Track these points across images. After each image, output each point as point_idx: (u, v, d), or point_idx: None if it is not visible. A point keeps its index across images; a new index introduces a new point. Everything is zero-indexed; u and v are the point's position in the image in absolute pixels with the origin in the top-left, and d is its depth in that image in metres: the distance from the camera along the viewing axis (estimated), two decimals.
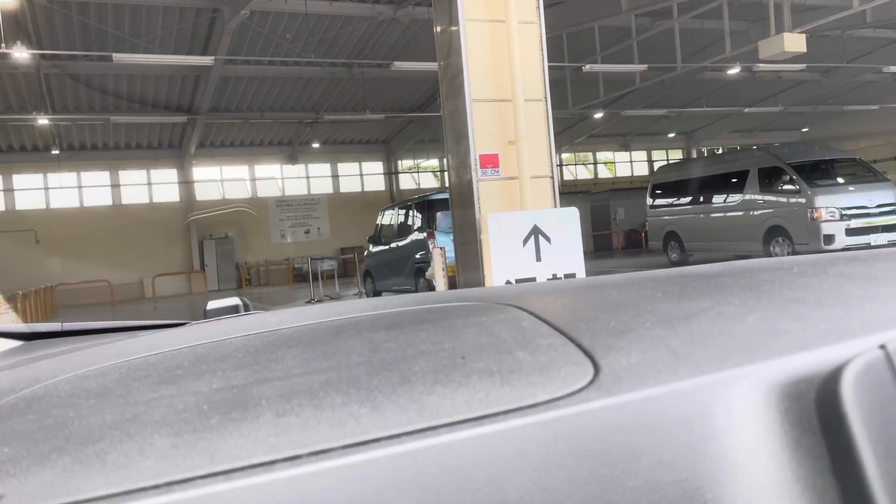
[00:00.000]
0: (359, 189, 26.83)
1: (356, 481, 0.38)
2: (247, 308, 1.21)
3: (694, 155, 30.77)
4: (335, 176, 26.42)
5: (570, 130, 28.97)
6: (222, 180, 24.61)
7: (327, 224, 26.07)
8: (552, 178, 5.51)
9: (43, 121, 16.29)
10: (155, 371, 0.62)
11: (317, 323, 0.75)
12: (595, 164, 30.97)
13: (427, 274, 8.82)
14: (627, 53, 16.53)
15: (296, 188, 25.82)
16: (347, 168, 26.64)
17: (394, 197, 26.94)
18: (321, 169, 26.17)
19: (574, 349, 0.53)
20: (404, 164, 27.11)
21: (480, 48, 5.25)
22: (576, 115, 25.89)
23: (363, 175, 26.91)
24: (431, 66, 15.75)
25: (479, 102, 5.25)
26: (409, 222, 10.95)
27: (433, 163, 27.70)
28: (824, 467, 0.41)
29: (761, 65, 16.15)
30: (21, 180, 21.73)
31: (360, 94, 20.36)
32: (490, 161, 5.29)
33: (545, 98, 5.51)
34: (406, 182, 27.50)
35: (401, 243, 11.16)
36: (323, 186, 26.22)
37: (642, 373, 0.46)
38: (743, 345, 0.50)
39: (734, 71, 18.59)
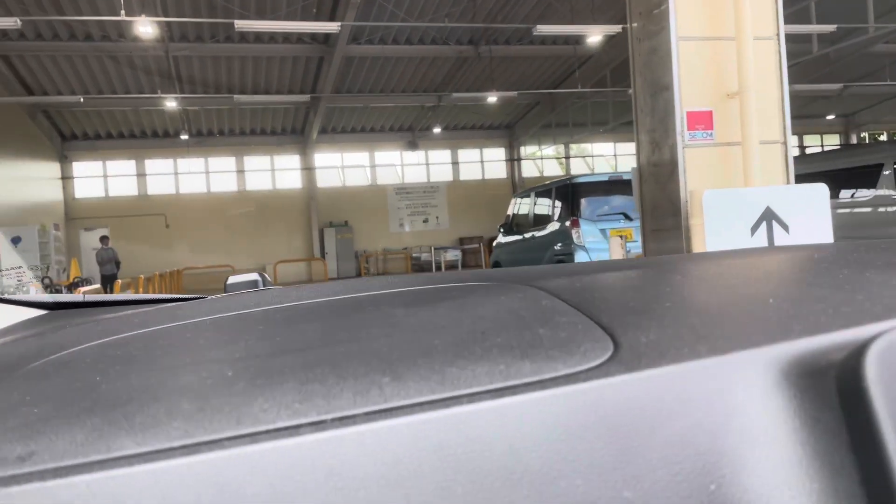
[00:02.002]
0: (479, 176, 25.75)
1: (379, 447, 0.39)
2: (265, 283, 1.14)
3: (854, 141, 27.36)
4: (455, 163, 25.47)
5: None
6: (343, 167, 24.27)
7: (446, 213, 25.20)
8: (785, 144, 4.05)
9: (171, 103, 16.27)
10: (177, 340, 0.61)
11: (335, 299, 0.74)
12: None
13: None
14: (798, 18, 14.33)
15: (415, 175, 25.11)
16: (468, 154, 25.62)
17: (516, 185, 25.67)
18: (441, 155, 25.30)
19: (593, 326, 0.53)
20: (527, 150, 25.71)
21: None
22: None
23: (484, 162, 25.79)
24: (577, 31, 14.35)
25: (689, 41, 3.88)
26: (549, 209, 9.62)
27: (559, 148, 26.13)
28: (843, 443, 0.42)
29: None
30: (153, 165, 22.26)
31: (486, 73, 19.21)
32: (701, 120, 3.91)
33: (778, 35, 4.05)
34: (529, 169, 26.12)
35: (537, 233, 9.87)
36: (442, 174, 25.36)
37: (662, 349, 0.47)
38: (763, 325, 0.50)
39: None
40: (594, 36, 14.96)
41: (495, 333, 0.53)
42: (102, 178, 21.84)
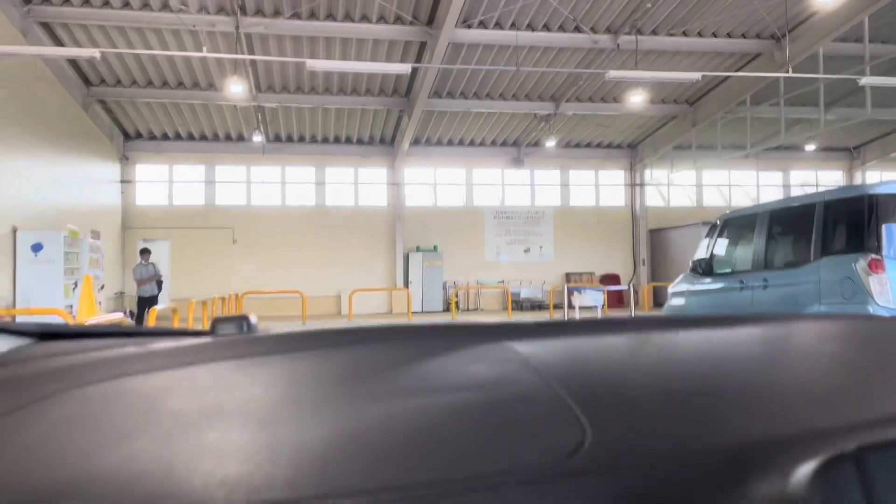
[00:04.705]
0: (593, 203, 21.91)
1: None
2: (250, 328, 0.99)
3: None
4: (565, 185, 21.74)
5: (884, 140, 21.77)
6: (435, 184, 20.96)
7: (551, 242, 21.44)
8: None
9: (237, 87, 13.31)
10: (184, 392, 0.58)
11: (316, 355, 0.69)
12: None
13: None
14: None
15: (517, 198, 21.52)
16: (581, 176, 21.85)
17: (636, 214, 21.65)
18: (549, 176, 21.63)
19: (568, 408, 0.52)
20: (654, 174, 21.68)
21: None
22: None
23: (599, 185, 21.94)
24: None
25: None
26: (807, 241, 5.74)
27: (689, 174, 21.95)
28: None
29: None
30: (223, 172, 19.57)
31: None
32: None
33: None
34: (653, 197, 22.08)
35: (777, 279, 6.01)
36: (549, 197, 21.67)
37: (637, 442, 0.46)
38: (743, 421, 0.50)
39: None
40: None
41: (470, 408, 0.51)
42: (167, 183, 19.31)
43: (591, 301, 9.44)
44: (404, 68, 10.24)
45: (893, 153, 21.38)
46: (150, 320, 7.52)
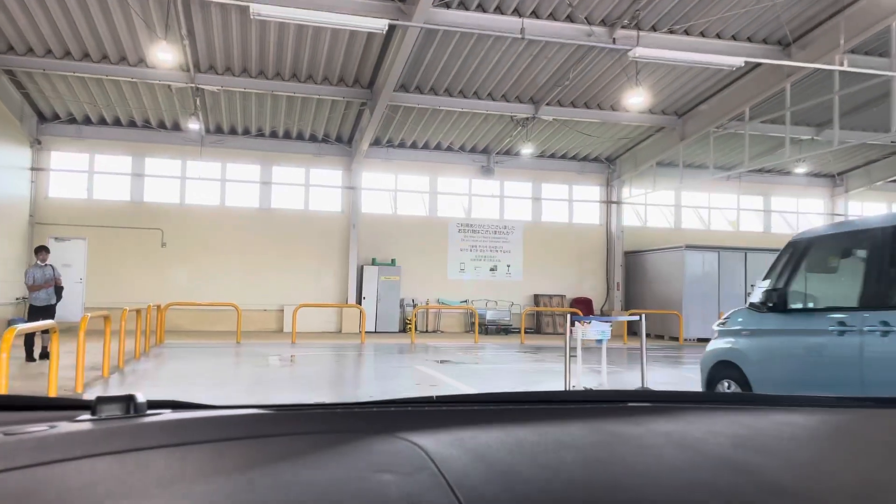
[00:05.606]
0: (565, 219, 20.24)
1: None
2: (137, 409, 0.81)
3: None
4: (536, 199, 20.02)
5: (869, 168, 20.76)
6: (396, 190, 18.96)
7: (520, 260, 19.66)
8: None
9: (167, 55, 11.07)
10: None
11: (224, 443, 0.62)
12: None
13: None
14: None
15: (485, 210, 19.69)
16: (554, 190, 20.17)
17: (611, 234, 20.05)
18: (520, 188, 19.90)
19: None
20: (633, 191, 20.14)
21: None
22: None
23: (573, 201, 20.29)
24: None
25: None
26: None
27: (668, 195, 20.50)
28: None
29: None
30: (154, 165, 17.15)
31: (612, 73, 13.89)
32: None
33: None
34: (629, 217, 20.53)
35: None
36: (519, 211, 19.92)
37: None
38: None
39: None
40: None
41: None
42: (87, 174, 16.79)
43: (595, 334, 7.59)
44: (380, 24, 8.23)
45: (879, 181, 20.38)
46: (4, 342, 5.23)
